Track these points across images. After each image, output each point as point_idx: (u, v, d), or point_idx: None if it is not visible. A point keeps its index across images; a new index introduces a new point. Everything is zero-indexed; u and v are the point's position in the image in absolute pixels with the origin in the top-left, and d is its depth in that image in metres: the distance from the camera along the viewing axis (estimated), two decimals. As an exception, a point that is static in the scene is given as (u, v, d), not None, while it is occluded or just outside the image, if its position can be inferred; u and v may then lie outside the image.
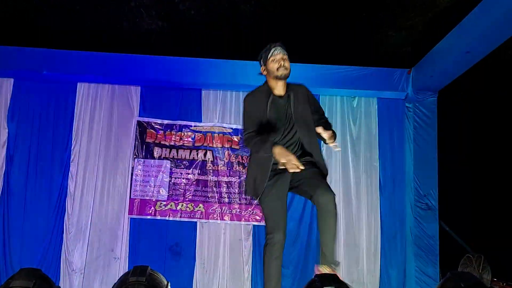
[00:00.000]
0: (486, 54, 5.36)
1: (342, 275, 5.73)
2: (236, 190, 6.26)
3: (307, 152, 3.47)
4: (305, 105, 3.54)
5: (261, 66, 3.57)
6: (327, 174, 3.54)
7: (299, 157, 3.31)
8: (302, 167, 3.10)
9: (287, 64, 3.47)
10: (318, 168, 3.47)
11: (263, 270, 3.32)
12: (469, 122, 7.92)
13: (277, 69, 3.42)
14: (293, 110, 3.47)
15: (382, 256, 6.23)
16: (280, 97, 3.48)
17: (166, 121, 6.31)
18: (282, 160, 3.10)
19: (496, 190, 7.68)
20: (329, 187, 3.33)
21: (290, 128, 3.46)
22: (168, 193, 6.17)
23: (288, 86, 3.57)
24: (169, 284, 2.33)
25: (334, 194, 3.25)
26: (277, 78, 3.44)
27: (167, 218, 6.11)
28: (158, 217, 6.10)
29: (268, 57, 3.46)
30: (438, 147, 6.30)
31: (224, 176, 6.28)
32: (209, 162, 6.28)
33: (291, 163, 3.07)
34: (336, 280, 2.37)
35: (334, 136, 3.45)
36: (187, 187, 6.21)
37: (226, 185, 6.26)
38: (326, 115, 6.30)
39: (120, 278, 2.31)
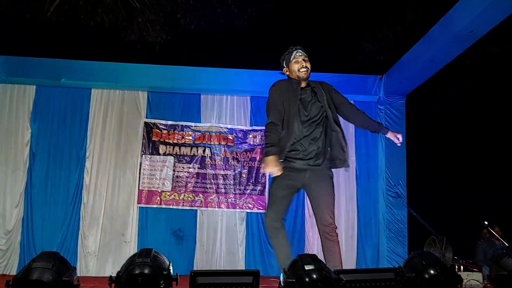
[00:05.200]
0: (448, 63, 5.41)
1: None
2: (232, 182, 6.26)
3: (331, 145, 3.34)
4: (329, 96, 3.41)
5: (283, 67, 3.42)
6: (348, 166, 3.46)
7: (320, 153, 3.27)
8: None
9: (308, 64, 3.31)
10: (332, 184, 3.35)
11: (272, 244, 3.25)
12: (432, 122, 8.00)
13: (299, 69, 3.28)
14: (319, 99, 3.31)
15: (359, 238, 6.26)
16: (304, 89, 3.33)
17: (170, 122, 6.29)
18: (264, 170, 3.15)
19: (457, 180, 7.75)
20: (333, 217, 3.23)
21: (316, 119, 3.29)
22: (172, 184, 6.17)
23: (310, 83, 3.42)
24: (171, 264, 2.35)
25: (336, 226, 3.21)
26: (299, 78, 3.29)
27: (171, 206, 6.12)
28: (163, 206, 6.11)
29: (291, 59, 3.32)
30: (406, 143, 6.32)
31: (221, 170, 6.28)
32: (208, 157, 6.28)
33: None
34: (315, 260, 2.38)
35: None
36: (189, 179, 6.21)
37: (222, 178, 6.26)
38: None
39: (128, 259, 2.32)
